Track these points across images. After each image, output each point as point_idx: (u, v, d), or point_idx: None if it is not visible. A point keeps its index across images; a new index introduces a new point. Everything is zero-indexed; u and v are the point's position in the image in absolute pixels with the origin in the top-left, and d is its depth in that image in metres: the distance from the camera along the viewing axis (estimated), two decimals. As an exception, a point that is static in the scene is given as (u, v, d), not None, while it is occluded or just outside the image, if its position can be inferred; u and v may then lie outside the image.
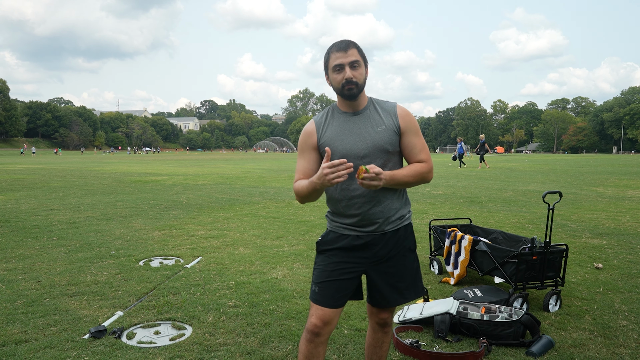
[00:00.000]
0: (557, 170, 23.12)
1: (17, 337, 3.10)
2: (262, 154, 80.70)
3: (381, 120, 2.06)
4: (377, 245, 2.12)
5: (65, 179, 16.49)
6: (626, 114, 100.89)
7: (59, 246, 5.74)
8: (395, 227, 2.14)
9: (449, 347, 3.04)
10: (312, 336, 2.10)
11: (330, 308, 2.09)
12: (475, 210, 8.93)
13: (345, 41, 2.01)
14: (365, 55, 2.07)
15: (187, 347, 3.00)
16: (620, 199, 10.95)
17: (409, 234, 2.21)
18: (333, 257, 2.13)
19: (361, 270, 2.15)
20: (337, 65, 1.99)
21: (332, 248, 2.14)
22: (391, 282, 2.16)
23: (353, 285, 2.15)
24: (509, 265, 3.72)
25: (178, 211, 8.72)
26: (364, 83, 2.04)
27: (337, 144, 2.05)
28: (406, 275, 2.18)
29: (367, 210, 2.07)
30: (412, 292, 2.21)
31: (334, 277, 2.10)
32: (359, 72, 2.00)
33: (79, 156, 56.01)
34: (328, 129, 2.09)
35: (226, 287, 4.19)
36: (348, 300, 2.17)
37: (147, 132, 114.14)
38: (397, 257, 2.15)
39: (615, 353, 2.95)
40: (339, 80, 2.00)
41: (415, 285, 2.22)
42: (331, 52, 2.02)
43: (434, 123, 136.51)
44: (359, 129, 2.05)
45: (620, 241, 6.18)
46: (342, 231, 2.13)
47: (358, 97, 2.04)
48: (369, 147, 2.03)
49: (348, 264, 2.11)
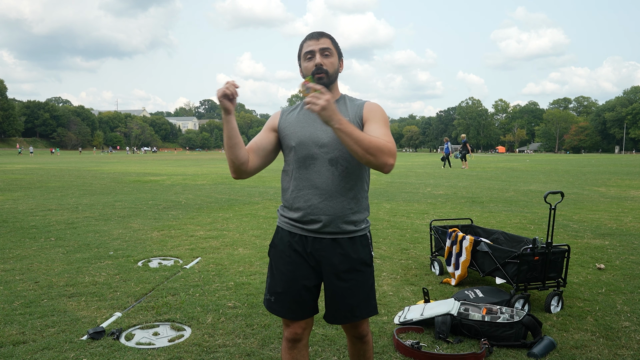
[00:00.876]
0: (558, 170, 23.10)
1: (15, 338, 3.08)
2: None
3: (347, 113, 1.97)
4: (329, 255, 1.97)
5: (64, 179, 16.47)
6: (628, 113, 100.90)
7: (57, 247, 5.72)
8: (350, 235, 1.99)
9: (449, 348, 3.02)
10: (292, 344, 2.06)
11: (296, 321, 2.02)
12: (476, 211, 8.91)
13: (319, 31, 1.98)
14: (341, 50, 2.03)
15: (186, 348, 2.98)
16: (623, 199, 10.93)
17: (365, 246, 2.04)
18: (285, 264, 2.01)
19: (316, 281, 2.02)
20: (308, 52, 1.94)
21: (283, 251, 2.03)
22: (343, 297, 1.99)
23: (311, 297, 2.02)
24: (510, 265, 3.70)
25: (177, 211, 8.69)
26: (335, 74, 1.98)
27: (297, 129, 1.99)
28: (360, 292, 2.01)
29: (315, 203, 1.94)
30: (365, 311, 2.03)
31: (287, 288, 2.00)
32: (329, 60, 1.94)
33: (77, 156, 56.00)
34: (292, 115, 2.05)
35: (225, 287, 4.16)
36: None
37: (145, 132, 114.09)
38: (352, 272, 1.99)
39: (618, 354, 2.93)
40: (310, 68, 1.93)
41: (369, 303, 2.04)
42: (304, 41, 1.98)
43: (434, 122, 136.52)
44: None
45: (623, 242, 6.15)
46: (289, 228, 2.02)
47: (329, 88, 1.96)
48: (329, 136, 1.92)
49: (301, 272, 1.99)
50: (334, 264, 1.98)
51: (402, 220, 7.72)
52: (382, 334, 3.21)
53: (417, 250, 5.62)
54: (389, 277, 4.53)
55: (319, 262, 2.00)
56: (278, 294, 2.02)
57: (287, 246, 2.02)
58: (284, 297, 2.01)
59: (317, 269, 2.01)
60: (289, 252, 2.01)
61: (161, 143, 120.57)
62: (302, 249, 2.00)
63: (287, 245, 2.02)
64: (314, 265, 2.00)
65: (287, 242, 2.02)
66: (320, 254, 1.98)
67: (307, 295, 2.01)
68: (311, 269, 2.00)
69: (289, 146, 2.00)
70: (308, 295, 2.01)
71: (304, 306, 2.02)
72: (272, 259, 2.09)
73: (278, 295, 2.02)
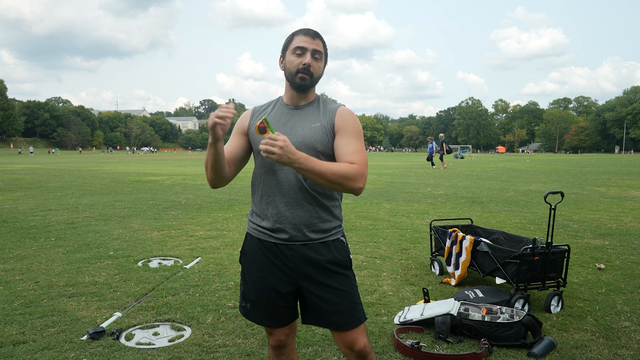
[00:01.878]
0: (558, 170, 23.10)
1: (15, 338, 3.08)
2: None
3: (318, 118, 1.89)
4: (302, 260, 1.88)
5: (64, 179, 16.47)
6: (628, 113, 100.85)
7: (57, 247, 5.72)
8: (322, 240, 1.90)
9: (449, 349, 3.02)
10: (278, 350, 2.05)
11: (277, 328, 1.99)
12: (476, 211, 8.91)
13: (315, 31, 1.89)
14: (328, 53, 1.98)
15: (186, 348, 2.98)
16: (623, 199, 10.93)
17: (341, 249, 1.94)
18: (257, 271, 1.95)
19: (291, 287, 1.93)
20: (300, 48, 1.84)
21: (253, 258, 1.96)
22: (323, 302, 1.88)
23: (287, 304, 1.95)
24: (510, 265, 3.70)
25: (177, 211, 8.69)
26: (318, 79, 1.92)
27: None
28: (340, 297, 1.88)
29: (282, 211, 1.87)
30: (349, 318, 1.89)
31: (260, 295, 1.94)
32: (318, 64, 1.88)
33: (76, 156, 55.99)
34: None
35: (225, 287, 4.16)
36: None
37: (145, 132, 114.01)
38: (329, 275, 1.88)
39: (618, 354, 2.93)
40: (296, 64, 1.84)
41: (353, 309, 1.89)
42: (296, 34, 1.88)
43: (434, 122, 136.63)
44: (293, 123, 1.90)
45: (623, 242, 6.15)
46: (258, 235, 1.95)
47: (307, 90, 1.90)
48: (297, 142, 1.83)
49: (274, 279, 1.92)
50: (308, 267, 1.89)
51: (402, 220, 7.72)
52: (382, 334, 3.21)
53: (417, 250, 5.62)
54: (389, 277, 4.53)
55: (292, 269, 1.91)
56: (253, 302, 1.97)
57: (258, 253, 1.95)
58: (259, 304, 1.95)
59: (291, 275, 1.91)
60: (260, 259, 1.94)
61: (161, 143, 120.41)
62: (274, 256, 1.92)
63: (258, 252, 1.95)
64: (288, 271, 1.91)
65: (258, 249, 1.95)
66: (293, 261, 1.90)
67: (282, 302, 1.93)
68: (285, 275, 1.92)
69: (257, 150, 1.91)
70: (283, 303, 1.94)
71: (280, 313, 1.96)
72: (243, 266, 2.03)
73: (253, 302, 1.97)
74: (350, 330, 1.88)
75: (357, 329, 1.89)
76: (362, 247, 5.78)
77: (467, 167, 26.40)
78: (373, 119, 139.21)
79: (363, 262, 5.06)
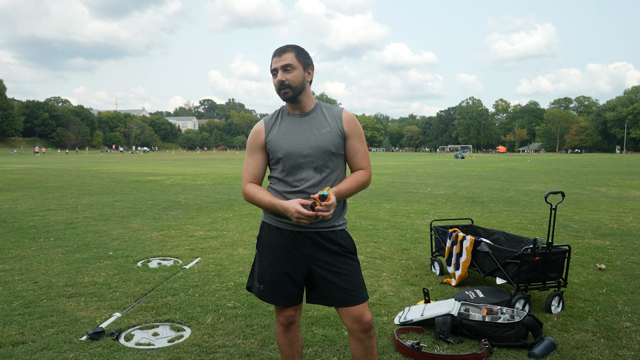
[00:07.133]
0: (559, 170, 23.09)
1: (14, 338, 3.07)
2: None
3: (326, 123, 2.12)
4: (315, 245, 2.11)
5: (63, 179, 16.46)
6: (629, 113, 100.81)
7: (57, 247, 5.71)
8: (332, 229, 2.13)
9: (450, 349, 3.01)
10: (287, 327, 2.28)
11: (288, 306, 2.21)
12: (476, 211, 8.90)
13: (283, 46, 2.07)
14: (310, 59, 2.12)
15: (185, 348, 2.97)
16: (623, 199, 10.92)
17: (348, 238, 2.19)
18: (272, 255, 2.16)
19: (303, 274, 2.15)
20: (273, 70, 2.07)
21: (269, 244, 2.17)
22: (334, 281, 2.09)
23: (299, 288, 2.18)
24: (510, 266, 3.69)
25: (176, 211, 8.68)
26: (302, 85, 2.07)
27: (282, 142, 2.10)
28: (350, 277, 2.11)
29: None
30: (357, 295, 2.11)
31: (275, 278, 2.16)
32: (292, 75, 2.04)
33: (75, 156, 55.96)
34: (275, 129, 2.14)
35: (225, 288, 4.15)
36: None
37: (145, 132, 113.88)
38: (339, 257, 2.12)
39: (619, 355, 2.92)
40: (275, 84, 2.07)
41: (360, 287, 2.13)
42: (272, 57, 2.09)
43: (435, 122, 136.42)
44: (304, 130, 2.11)
45: (623, 242, 6.14)
46: (276, 224, 2.16)
47: (298, 99, 2.09)
48: (312, 147, 2.08)
49: (288, 264, 2.14)
50: (320, 252, 2.12)
51: (402, 220, 7.71)
52: (382, 334, 3.20)
53: (417, 251, 5.61)
54: (389, 277, 4.52)
55: (306, 254, 2.12)
56: (267, 283, 2.18)
57: (275, 239, 2.16)
58: (274, 286, 2.17)
59: (304, 259, 2.13)
60: (277, 244, 2.15)
61: (161, 143, 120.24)
62: (289, 242, 2.13)
63: (275, 238, 2.16)
64: (301, 256, 2.13)
65: (274, 236, 2.16)
66: (307, 245, 2.12)
67: (293, 285, 2.16)
68: (298, 260, 2.13)
69: (275, 157, 2.13)
70: (294, 285, 2.17)
71: (292, 294, 2.18)
72: (260, 251, 2.24)
73: (267, 284, 2.19)
74: (358, 305, 2.10)
75: (364, 304, 2.12)
76: (363, 247, 5.77)
77: (467, 167, 26.39)
78: (373, 118, 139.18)
79: (363, 262, 5.05)
